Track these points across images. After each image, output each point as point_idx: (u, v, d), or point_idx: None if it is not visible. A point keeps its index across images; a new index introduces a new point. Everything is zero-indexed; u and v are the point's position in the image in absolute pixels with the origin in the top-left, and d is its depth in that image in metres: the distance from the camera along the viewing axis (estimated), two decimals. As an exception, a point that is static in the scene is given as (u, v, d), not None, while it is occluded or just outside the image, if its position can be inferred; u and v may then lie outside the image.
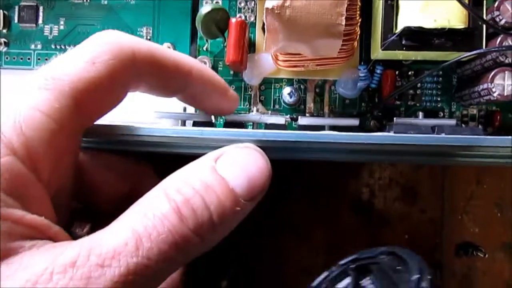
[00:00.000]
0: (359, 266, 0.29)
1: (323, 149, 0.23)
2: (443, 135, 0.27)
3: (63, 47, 0.33)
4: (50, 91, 0.18)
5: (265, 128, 0.31)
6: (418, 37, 0.28)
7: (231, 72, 0.34)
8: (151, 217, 0.17)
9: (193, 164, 0.19)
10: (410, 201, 0.35)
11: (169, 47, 0.34)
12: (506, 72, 0.28)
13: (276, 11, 0.27)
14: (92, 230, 0.20)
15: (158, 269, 0.16)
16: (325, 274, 0.31)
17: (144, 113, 0.34)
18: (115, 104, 0.21)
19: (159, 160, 0.25)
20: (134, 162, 0.25)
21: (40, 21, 0.33)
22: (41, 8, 0.33)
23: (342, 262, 0.30)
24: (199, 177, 0.18)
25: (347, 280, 0.29)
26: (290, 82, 0.34)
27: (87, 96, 0.19)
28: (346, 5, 0.27)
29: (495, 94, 0.28)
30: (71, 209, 0.23)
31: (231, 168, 0.19)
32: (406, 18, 0.28)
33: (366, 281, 0.29)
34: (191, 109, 0.33)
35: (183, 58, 0.23)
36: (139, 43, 0.21)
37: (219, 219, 0.18)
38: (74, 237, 0.18)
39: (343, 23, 0.28)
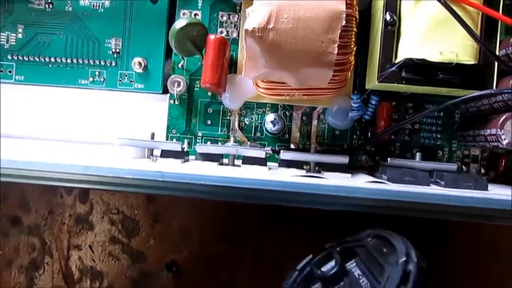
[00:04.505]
0: (344, 249, 0.29)
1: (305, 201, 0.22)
2: (441, 188, 0.24)
3: (20, 58, 0.29)
4: None
5: (243, 161, 0.27)
6: (421, 70, 0.25)
7: (209, 94, 0.30)
8: None
9: None
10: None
11: (140, 63, 0.30)
12: (518, 117, 0.24)
13: (257, 34, 0.24)
14: None
15: None
16: (309, 257, 0.30)
17: (105, 136, 0.31)
18: None
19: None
20: None
21: (-6, 27, 0.29)
22: (-4, 13, 0.29)
23: (327, 245, 0.30)
24: None
25: (331, 263, 0.28)
26: (274, 107, 0.30)
27: None
28: (339, 31, 0.24)
29: (504, 142, 0.24)
30: None
31: None
32: (408, 48, 0.25)
33: (351, 264, 0.28)
34: (160, 136, 0.30)
35: None
36: None
37: None
38: None
39: (335, 51, 0.24)
